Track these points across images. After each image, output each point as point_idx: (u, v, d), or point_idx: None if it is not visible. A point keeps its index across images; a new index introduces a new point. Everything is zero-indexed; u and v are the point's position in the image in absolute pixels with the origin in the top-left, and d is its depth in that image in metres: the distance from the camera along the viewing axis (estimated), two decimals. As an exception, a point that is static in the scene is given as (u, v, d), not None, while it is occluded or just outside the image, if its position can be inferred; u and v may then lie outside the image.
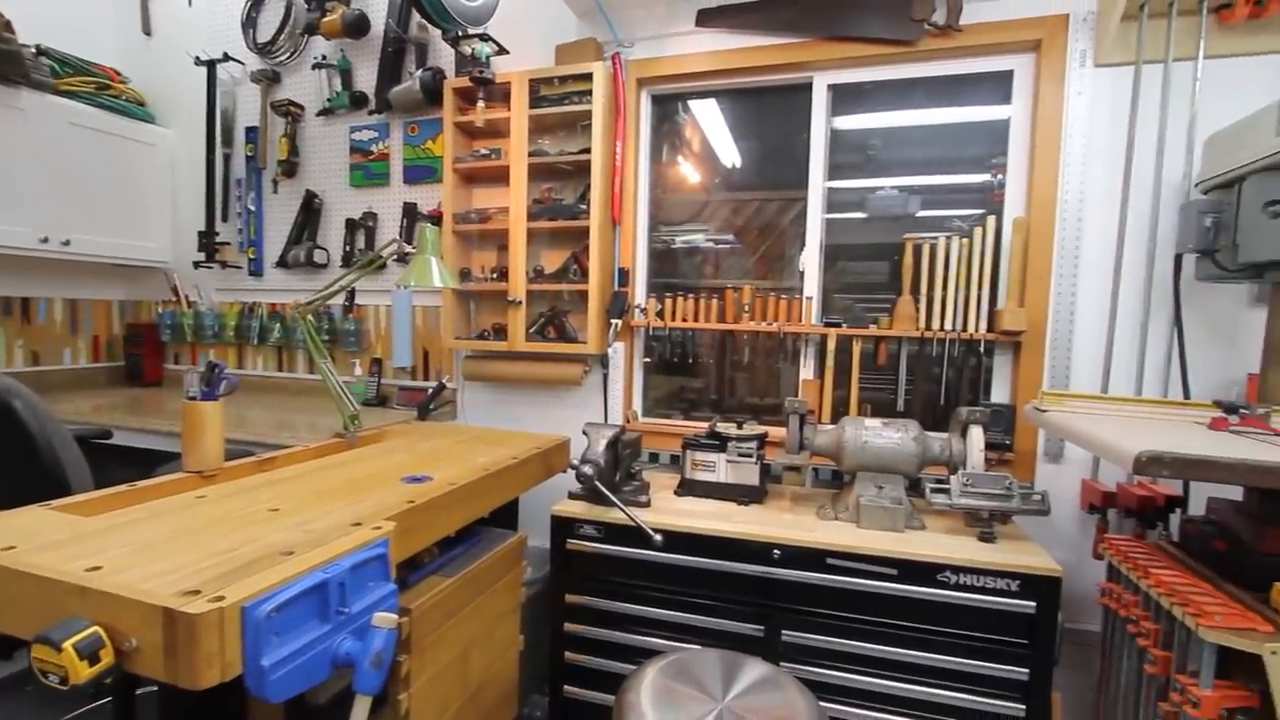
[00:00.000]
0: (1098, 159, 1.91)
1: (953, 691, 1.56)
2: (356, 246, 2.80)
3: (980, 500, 1.60)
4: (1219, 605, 1.18)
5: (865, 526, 1.71)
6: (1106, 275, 1.92)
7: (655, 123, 2.49)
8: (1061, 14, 1.91)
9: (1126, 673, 1.46)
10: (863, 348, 2.15)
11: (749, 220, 2.44)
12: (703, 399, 2.53)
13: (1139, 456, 1.09)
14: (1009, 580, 1.51)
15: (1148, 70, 1.85)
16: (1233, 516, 1.38)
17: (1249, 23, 1.74)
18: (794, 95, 2.30)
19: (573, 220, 2.29)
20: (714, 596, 1.73)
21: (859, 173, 2.28)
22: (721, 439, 1.92)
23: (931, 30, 1.99)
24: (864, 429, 1.77)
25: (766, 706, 1.16)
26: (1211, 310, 1.83)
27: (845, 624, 1.63)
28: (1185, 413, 1.51)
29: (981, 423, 1.69)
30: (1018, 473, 2.00)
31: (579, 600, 1.84)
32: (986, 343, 2.02)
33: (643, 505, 1.85)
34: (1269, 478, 1.09)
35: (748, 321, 2.24)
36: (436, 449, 1.83)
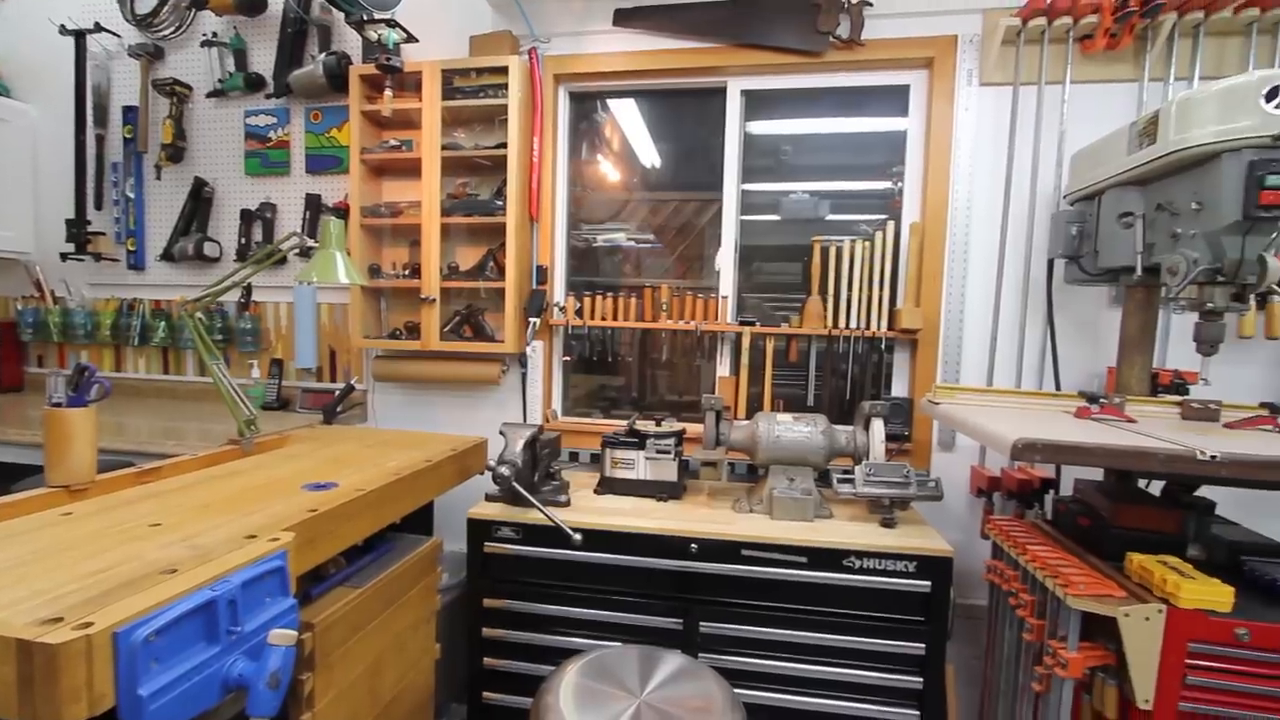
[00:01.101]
0: (983, 170, 2.07)
1: (858, 670, 1.65)
2: (253, 239, 2.62)
3: (881, 489, 1.70)
4: (1083, 576, 1.30)
5: (778, 518, 1.77)
6: (991, 278, 2.08)
7: (573, 120, 2.47)
8: (950, 35, 2.05)
9: (1009, 641, 1.60)
10: (775, 345, 2.23)
11: (668, 220, 2.47)
12: (623, 397, 2.54)
13: (1015, 444, 1.19)
14: (907, 562, 1.61)
15: (1024, 91, 2.02)
16: (1094, 495, 1.53)
17: (1106, 53, 1.94)
18: (709, 99, 2.35)
19: (489, 216, 2.24)
20: (634, 593, 1.75)
21: (772, 176, 2.36)
22: (640, 436, 1.93)
23: (836, 43, 2.09)
24: (776, 424, 1.84)
25: (683, 697, 1.19)
26: (1078, 310, 2.03)
27: (760, 612, 1.69)
28: (1056, 403, 1.67)
29: (882, 415, 1.79)
30: (915, 461, 2.14)
31: (498, 604, 1.81)
32: (887, 340, 2.15)
33: (562, 505, 1.84)
34: (1122, 460, 1.22)
35: (666, 320, 2.27)
36: (343, 454, 1.74)
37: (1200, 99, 1.34)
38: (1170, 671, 1.20)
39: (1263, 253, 1.32)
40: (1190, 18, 1.84)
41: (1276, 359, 1.95)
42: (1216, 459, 1.13)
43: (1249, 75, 1.29)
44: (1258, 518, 1.89)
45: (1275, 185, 1.24)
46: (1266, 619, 1.18)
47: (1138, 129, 1.51)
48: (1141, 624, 1.20)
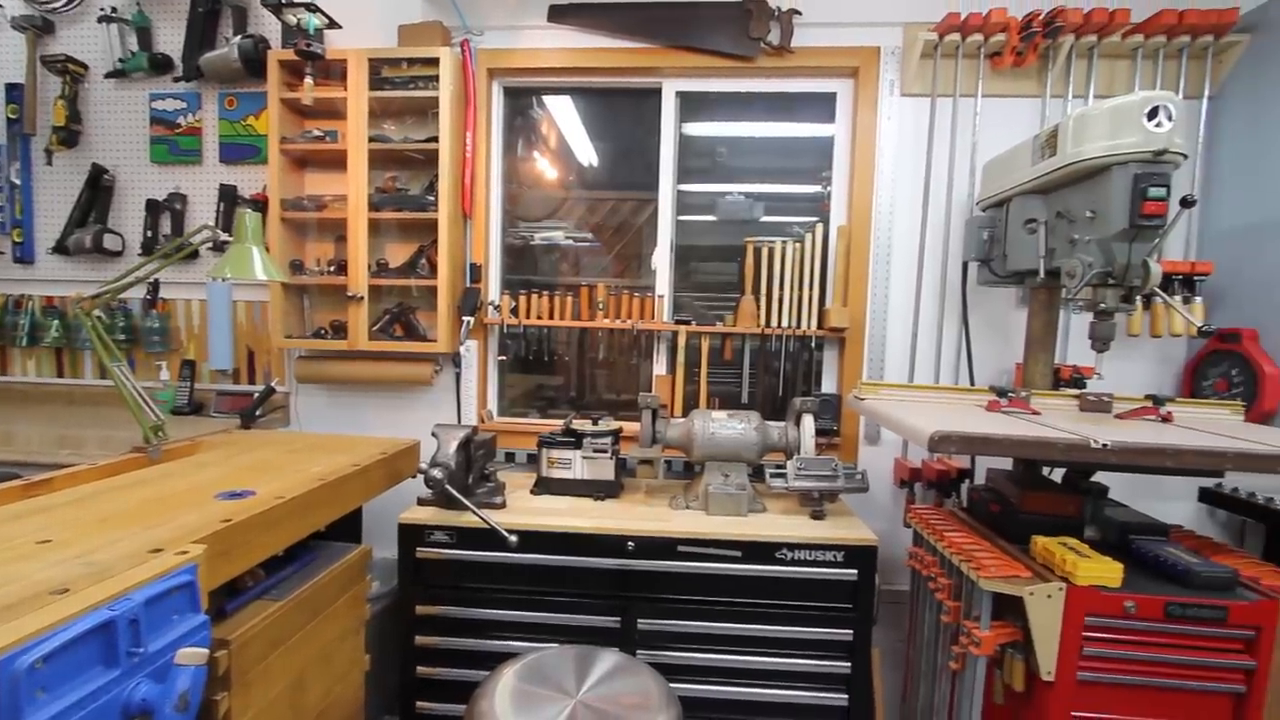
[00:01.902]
0: (904, 176, 2.18)
1: (790, 658, 1.70)
2: (161, 232, 2.44)
3: (811, 482, 1.76)
4: (994, 559, 1.39)
5: (713, 513, 1.80)
6: (912, 279, 2.19)
7: (508, 115, 2.43)
8: (874, 46, 2.14)
9: (929, 624, 1.69)
10: (710, 344, 2.27)
11: (605, 219, 2.47)
12: (561, 396, 2.52)
13: (932, 436, 1.26)
14: (835, 552, 1.67)
15: (941, 102, 2.14)
16: (1004, 483, 1.64)
17: (1014, 70, 2.08)
18: (645, 99, 2.37)
19: (420, 212, 2.17)
20: (573, 593, 1.74)
21: (708, 177, 2.40)
22: (577, 436, 1.93)
23: (767, 49, 2.14)
24: (711, 421, 1.87)
25: (620, 695, 1.19)
26: (990, 310, 2.17)
27: (696, 607, 1.71)
28: (970, 397, 1.77)
29: (812, 411, 1.85)
30: (844, 455, 2.23)
31: (431, 611, 1.76)
32: (817, 338, 2.22)
33: (497, 507, 1.81)
34: (1026, 449, 1.31)
35: (603, 319, 2.27)
36: (262, 460, 1.65)
37: (1093, 116, 1.46)
38: (1069, 644, 1.30)
39: (1146, 258, 1.44)
40: (1085, 40, 1.99)
41: (1160, 355, 2.14)
42: (1107, 447, 1.23)
43: (1134, 95, 1.40)
44: (1145, 500, 2.07)
45: (1156, 197, 1.36)
46: (1149, 591, 1.29)
47: (1040, 142, 1.62)
48: (1044, 601, 1.29)
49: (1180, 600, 1.27)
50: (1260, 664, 1.26)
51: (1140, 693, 1.31)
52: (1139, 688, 1.30)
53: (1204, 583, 1.29)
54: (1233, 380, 1.91)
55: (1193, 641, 1.28)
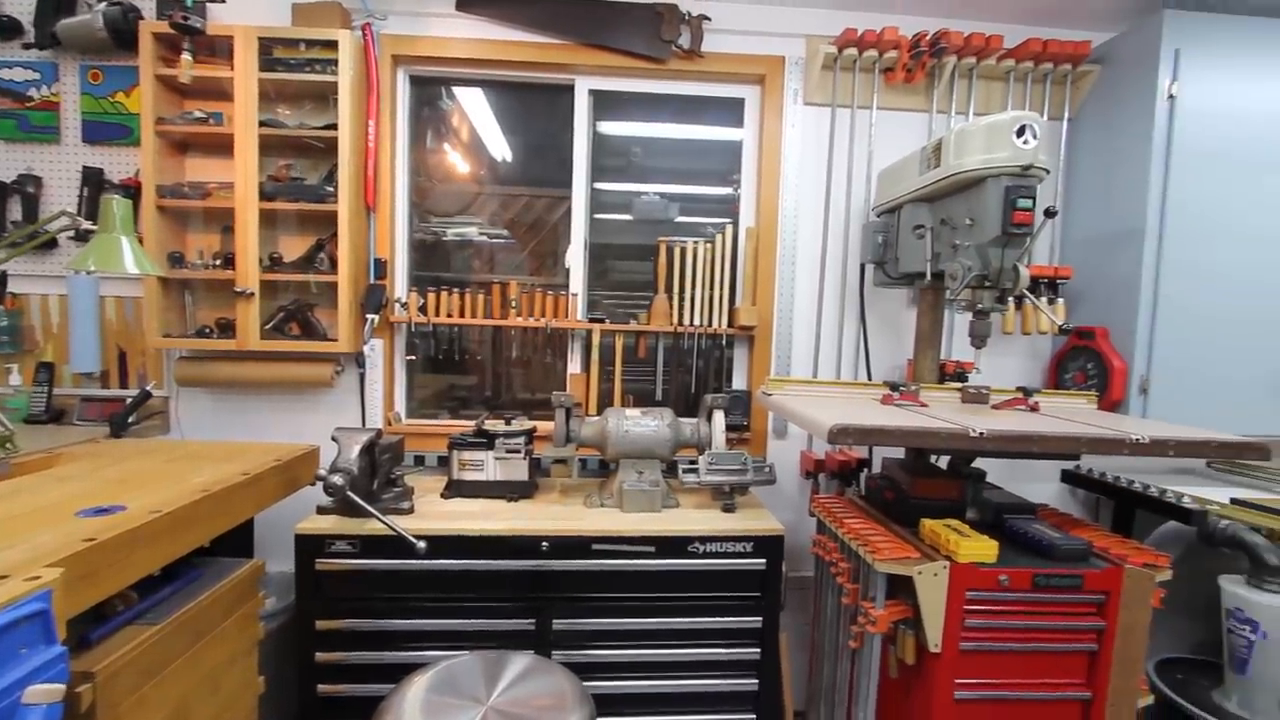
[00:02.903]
0: (807, 182, 2.28)
1: (703, 648, 1.74)
2: (9, 218, 2.17)
3: (722, 476, 1.81)
4: (887, 542, 1.49)
5: (628, 510, 1.82)
6: (815, 279, 2.30)
7: (415, 105, 2.34)
8: (779, 56, 2.23)
9: (831, 606, 1.78)
10: (625, 342, 2.29)
11: (520, 215, 2.43)
12: (475, 396, 2.46)
13: (832, 429, 1.33)
14: (745, 543, 1.73)
15: (841, 112, 2.26)
16: (897, 471, 1.76)
17: (905, 85, 2.23)
18: (559, 96, 2.35)
19: (318, 203, 2.05)
20: (486, 597, 1.70)
21: (623, 176, 2.41)
22: (489, 436, 1.89)
23: (678, 52, 2.18)
24: (625, 419, 1.89)
25: (532, 697, 1.18)
26: (885, 309, 2.31)
27: (612, 604, 1.72)
28: (867, 392, 1.88)
29: (723, 407, 1.91)
30: (753, 449, 2.31)
31: (334, 625, 1.67)
32: (728, 336, 2.29)
33: (405, 512, 1.74)
34: (915, 439, 1.41)
35: (516, 318, 2.23)
36: (135, 471, 1.51)
37: (971, 131, 1.59)
38: (953, 618, 1.41)
39: (1016, 262, 1.59)
40: (966, 62, 2.16)
41: (1030, 351, 2.37)
42: (983, 435, 1.35)
43: (1006, 115, 1.54)
44: (1017, 482, 2.27)
45: (1024, 207, 1.50)
46: (1020, 565, 1.42)
47: (926, 153, 1.74)
48: (931, 579, 1.40)
49: (1045, 571, 1.41)
50: (1109, 624, 1.42)
51: (1013, 658, 1.44)
52: (1012, 653, 1.44)
53: (1064, 555, 1.44)
54: (1089, 373, 2.14)
55: (1055, 608, 1.43)
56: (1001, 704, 1.44)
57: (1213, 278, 2.01)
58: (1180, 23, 1.96)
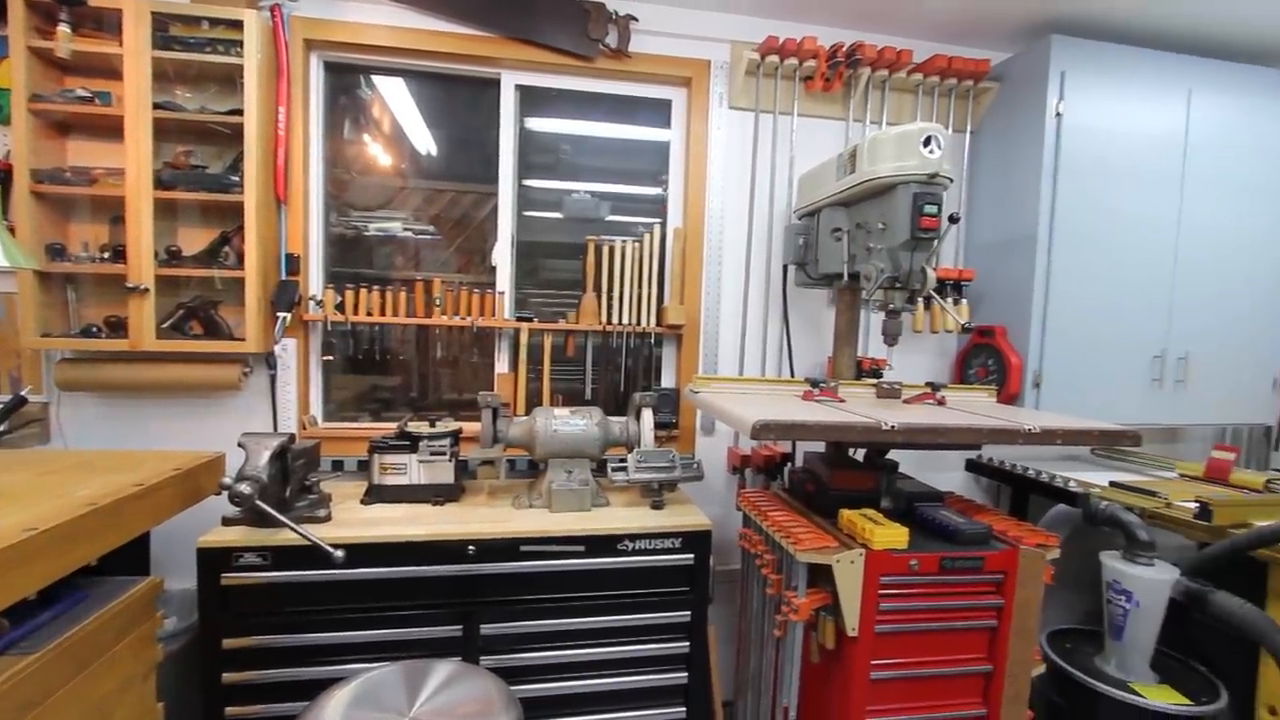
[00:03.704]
0: (733, 184, 2.34)
1: (633, 645, 1.76)
2: None
3: (651, 473, 1.83)
4: (808, 533, 1.55)
5: (557, 510, 1.81)
6: (741, 279, 2.36)
7: (331, 93, 2.23)
8: (705, 60, 2.27)
9: (757, 598, 1.84)
10: (553, 341, 2.27)
11: (445, 211, 2.36)
12: (398, 398, 2.37)
13: (754, 425, 1.37)
14: (674, 539, 1.76)
15: (764, 117, 2.32)
16: (817, 464, 1.83)
17: (824, 93, 2.32)
18: (485, 89, 2.30)
19: (222, 193, 1.92)
20: (411, 605, 1.65)
21: (552, 174, 2.39)
22: (413, 439, 1.83)
23: (606, 51, 2.18)
24: (554, 418, 1.88)
25: (457, 705, 1.15)
26: (806, 309, 2.40)
27: (542, 605, 1.71)
28: (790, 388, 1.95)
29: (651, 406, 1.93)
30: (682, 446, 2.34)
31: (243, 643, 1.57)
32: (656, 335, 2.31)
33: (321, 520, 1.66)
34: (832, 433, 1.47)
35: (440, 316, 2.17)
36: (6, 485, 1.36)
37: (883, 140, 1.67)
38: (869, 602, 1.48)
39: (924, 265, 1.68)
40: (879, 74, 2.27)
41: (938, 348, 2.52)
42: (894, 428, 1.42)
43: (914, 125, 1.63)
44: (927, 471, 2.42)
45: (930, 213, 1.60)
46: (929, 549, 1.51)
47: (843, 160, 1.82)
48: (849, 567, 1.46)
49: (951, 555, 1.50)
50: (1006, 601, 1.53)
51: (923, 637, 1.53)
52: (922, 633, 1.52)
53: (967, 538, 1.54)
54: (990, 368, 2.30)
55: (960, 589, 1.53)
56: (913, 681, 1.53)
57: (1095, 281, 2.21)
58: (1066, 47, 2.14)
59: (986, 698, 1.56)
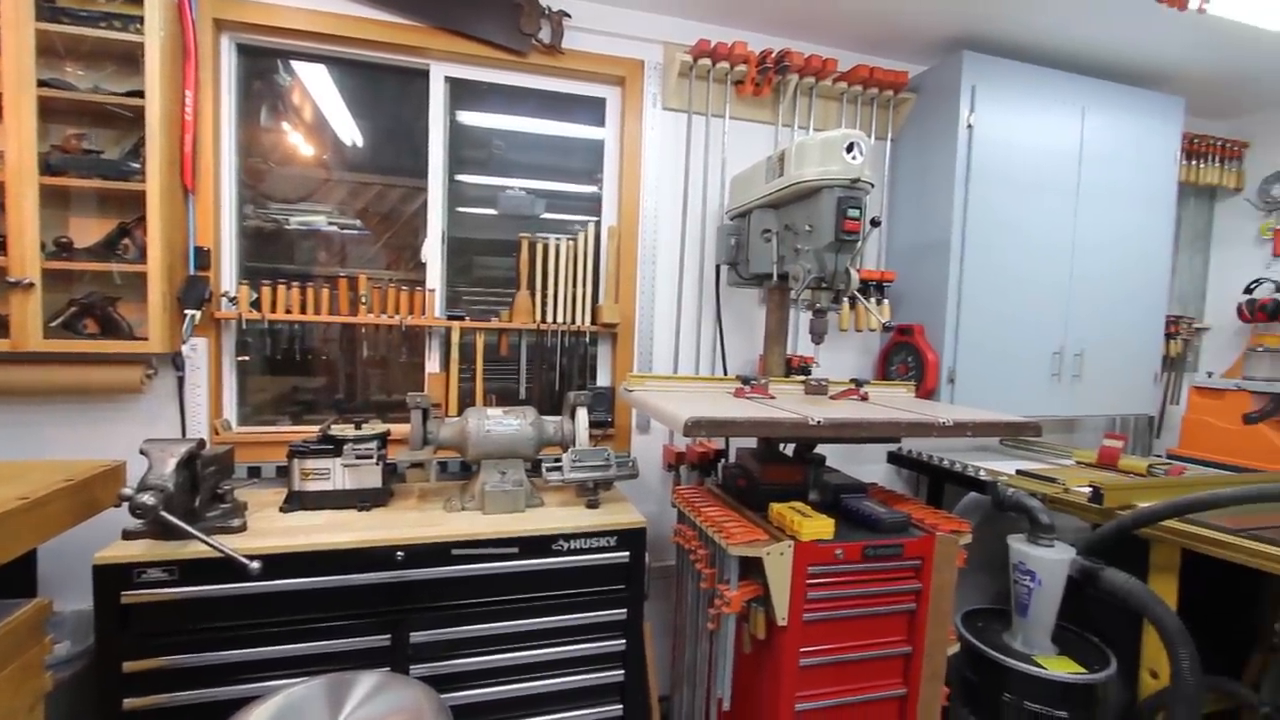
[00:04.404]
0: (666, 184, 2.36)
1: (569, 645, 1.75)
2: None
3: (586, 473, 1.83)
4: (740, 527, 1.58)
5: (490, 512, 1.78)
6: (675, 278, 2.39)
7: (245, 77, 2.11)
8: (638, 60, 2.29)
9: (691, 592, 1.86)
10: (486, 340, 2.22)
11: (373, 205, 2.27)
12: (323, 399, 2.27)
13: (686, 422, 1.39)
14: (609, 537, 1.76)
15: (696, 119, 2.36)
16: (749, 460, 1.87)
17: (754, 97, 2.37)
18: (413, 80, 2.23)
19: (121, 181, 1.78)
20: (336, 615, 1.58)
21: (485, 169, 2.34)
22: (336, 442, 1.75)
23: (539, 46, 2.16)
24: (487, 418, 1.84)
25: (382, 717, 1.11)
26: (739, 308, 2.46)
27: (474, 610, 1.67)
28: (722, 386, 1.99)
29: (586, 404, 1.92)
30: (618, 445, 2.35)
31: (147, 665, 1.46)
32: (591, 334, 2.31)
33: (235, 530, 1.57)
34: (762, 429, 1.51)
35: (366, 314, 2.09)
36: None
37: (809, 145, 1.73)
38: (797, 591, 1.53)
39: (848, 266, 1.75)
40: (806, 80, 2.35)
41: (862, 346, 2.63)
42: (820, 423, 1.47)
43: (838, 132, 1.69)
44: (852, 464, 2.52)
45: (853, 216, 1.66)
46: (853, 539, 1.57)
47: (772, 163, 1.87)
48: (778, 559, 1.50)
49: (873, 543, 1.57)
50: (924, 586, 1.62)
51: (848, 623, 1.59)
52: (847, 619, 1.59)
53: (888, 527, 1.62)
54: (909, 365, 2.42)
55: (882, 575, 1.60)
56: (839, 666, 1.59)
57: (1001, 283, 2.36)
58: (976, 63, 2.27)
59: (906, 677, 1.64)
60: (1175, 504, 1.65)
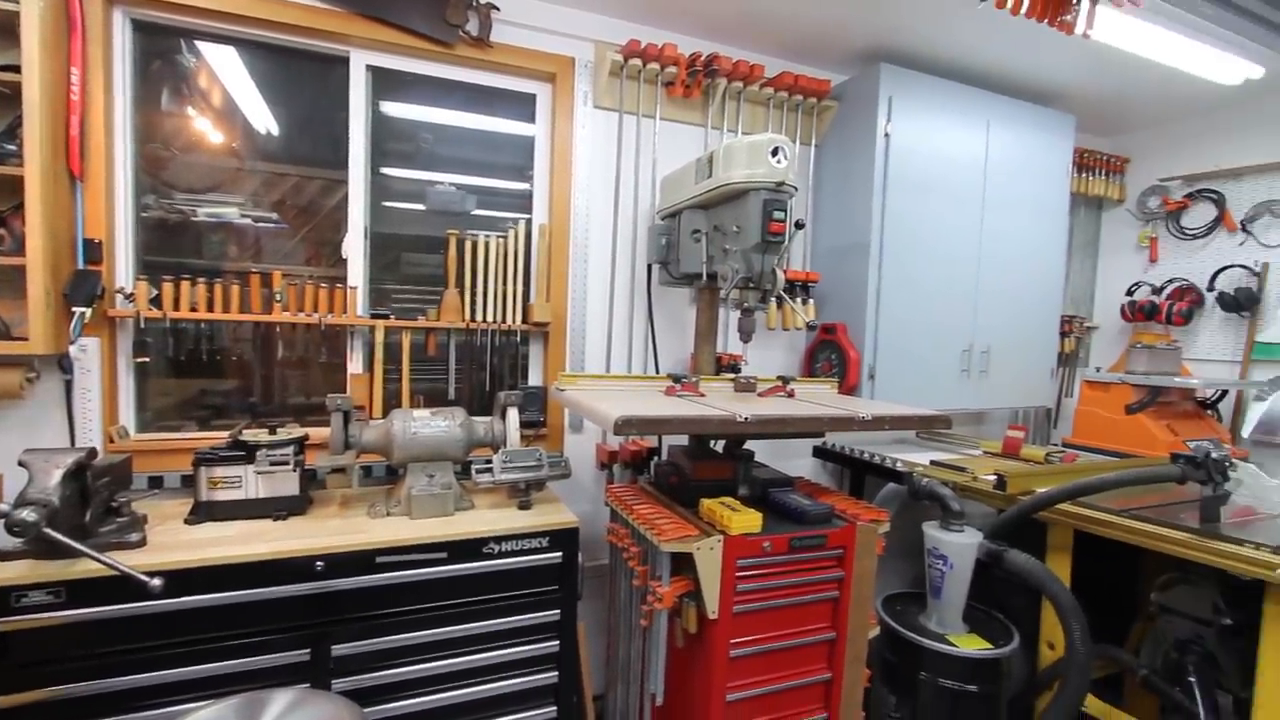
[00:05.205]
0: (598, 182, 2.36)
1: (502, 650, 1.72)
2: None
3: (517, 473, 1.80)
4: (671, 524, 1.60)
5: (418, 516, 1.72)
6: (607, 277, 2.39)
7: (144, 57, 1.95)
8: (569, 57, 2.27)
9: (625, 590, 1.87)
10: (413, 339, 2.15)
11: (291, 198, 2.16)
12: (234, 403, 2.13)
13: (616, 421, 1.40)
14: (541, 539, 1.74)
15: (628, 119, 2.37)
16: (680, 457, 1.90)
17: (685, 99, 2.40)
18: (332, 67, 2.13)
19: (-7, 165, 1.62)
20: (250, 632, 1.49)
21: (411, 163, 2.26)
22: (248, 448, 1.65)
23: (466, 38, 2.11)
24: (413, 420, 1.79)
25: (300, 735, 1.06)
26: (670, 307, 2.48)
27: (401, 619, 1.62)
28: (654, 384, 2.00)
29: (517, 405, 1.90)
30: (550, 445, 2.33)
31: (28, 699, 1.33)
32: (523, 333, 2.28)
33: (133, 546, 1.45)
34: (692, 426, 1.54)
35: (281, 312, 1.98)
36: None
37: (737, 147, 1.77)
38: (727, 585, 1.56)
39: (775, 267, 1.81)
40: (734, 85, 2.40)
41: (789, 344, 2.72)
42: (748, 420, 1.51)
43: (764, 136, 1.74)
44: (780, 459, 2.60)
45: (778, 218, 1.71)
46: (780, 531, 1.62)
47: (701, 164, 1.90)
48: (709, 553, 1.53)
49: (799, 535, 1.63)
50: (846, 573, 1.69)
51: (776, 613, 1.64)
52: (775, 609, 1.63)
53: (812, 519, 1.68)
54: (833, 362, 2.52)
55: (807, 565, 1.66)
56: (769, 655, 1.64)
57: (916, 284, 2.49)
58: (892, 74, 2.39)
59: (831, 662, 1.71)
60: (1066, 489, 1.80)
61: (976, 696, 1.79)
